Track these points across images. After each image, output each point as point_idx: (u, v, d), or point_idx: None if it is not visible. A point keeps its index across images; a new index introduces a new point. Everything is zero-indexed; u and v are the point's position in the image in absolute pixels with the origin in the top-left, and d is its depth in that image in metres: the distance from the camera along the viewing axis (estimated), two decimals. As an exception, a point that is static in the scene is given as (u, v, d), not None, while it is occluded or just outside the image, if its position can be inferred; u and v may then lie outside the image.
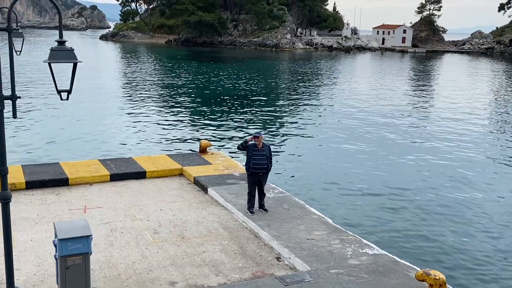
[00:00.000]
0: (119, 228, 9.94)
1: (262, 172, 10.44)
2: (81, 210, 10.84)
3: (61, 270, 6.04)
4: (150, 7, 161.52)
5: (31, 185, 12.09)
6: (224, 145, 23.29)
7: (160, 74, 56.11)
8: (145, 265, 8.42)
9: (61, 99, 5.16)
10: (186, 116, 30.69)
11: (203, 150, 15.24)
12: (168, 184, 12.94)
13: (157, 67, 66.07)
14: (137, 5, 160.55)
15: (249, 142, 10.40)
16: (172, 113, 31.62)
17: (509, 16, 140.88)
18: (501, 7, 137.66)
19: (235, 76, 55.46)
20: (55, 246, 6.10)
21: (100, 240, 9.31)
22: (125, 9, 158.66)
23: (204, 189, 12.32)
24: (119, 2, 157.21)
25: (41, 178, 12.36)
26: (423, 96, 44.99)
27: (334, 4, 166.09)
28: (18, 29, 11.60)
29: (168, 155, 15.24)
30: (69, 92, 5.19)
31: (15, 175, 12.34)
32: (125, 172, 13.18)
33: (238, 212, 10.71)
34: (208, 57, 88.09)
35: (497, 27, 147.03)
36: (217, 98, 38.61)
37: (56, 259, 6.17)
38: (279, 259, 8.91)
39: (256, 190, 10.63)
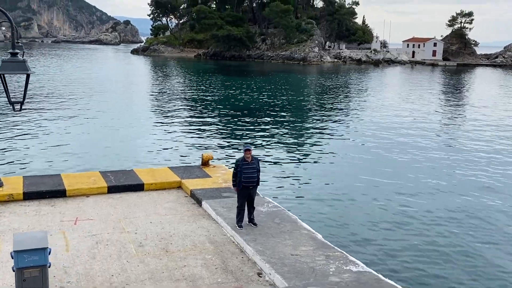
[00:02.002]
0: (105, 240, 9.90)
1: (252, 185, 10.29)
2: (72, 222, 10.86)
3: (18, 282, 6.00)
4: (180, 21, 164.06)
5: (28, 196, 12.21)
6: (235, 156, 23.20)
7: (184, 87, 56.65)
8: (122, 279, 8.34)
9: (14, 110, 5.14)
10: (202, 129, 30.76)
11: (205, 163, 15.18)
12: (165, 196, 12.90)
13: (182, 80, 66.80)
14: (168, 20, 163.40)
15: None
16: (188, 125, 31.76)
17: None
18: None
19: (259, 90, 55.53)
20: (12, 257, 6.07)
21: (83, 252, 9.29)
22: (156, 24, 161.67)
23: (199, 202, 12.23)
24: (150, 17, 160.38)
25: (39, 189, 12.48)
26: (451, 112, 44.03)
27: (363, 17, 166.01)
28: (18, 42, 11.86)
29: (170, 167, 15.22)
30: (21, 103, 5.17)
31: (14, 186, 12.52)
32: (123, 184, 13.20)
33: (227, 226, 10.55)
34: (235, 71, 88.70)
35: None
36: (238, 111, 38.66)
37: (13, 270, 6.13)
38: (260, 275, 8.70)
39: (246, 203, 10.48)
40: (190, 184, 13.27)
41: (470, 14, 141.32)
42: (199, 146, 25.30)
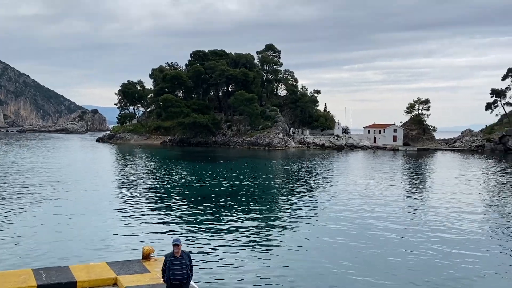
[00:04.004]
0: None
1: (182, 282, 9.73)
2: (-13, 328, 9.92)
3: None
4: (147, 110, 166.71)
5: None
6: (190, 249, 22.31)
7: (143, 175, 55.93)
8: None
9: None
10: (154, 219, 29.68)
11: (146, 257, 14.50)
12: (97, 295, 12.08)
13: (142, 167, 66.07)
14: (135, 108, 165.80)
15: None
16: (139, 215, 30.60)
17: (497, 115, 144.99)
18: (488, 106, 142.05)
19: (222, 175, 55.31)
20: None
21: None
22: (123, 112, 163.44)
23: (132, 301, 11.46)
24: (117, 106, 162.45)
25: (-41, 291, 11.55)
26: (414, 195, 44.46)
27: (325, 105, 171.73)
28: None
29: (108, 262, 14.46)
30: None
31: None
32: (53, 283, 12.38)
33: (157, 328, 9.80)
34: (201, 157, 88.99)
35: (486, 125, 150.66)
36: (196, 199, 38.03)
37: None
38: None
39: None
40: (126, 280, 12.52)
41: (427, 101, 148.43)
42: (146, 238, 24.36)
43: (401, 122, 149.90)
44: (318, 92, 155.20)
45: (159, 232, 25.85)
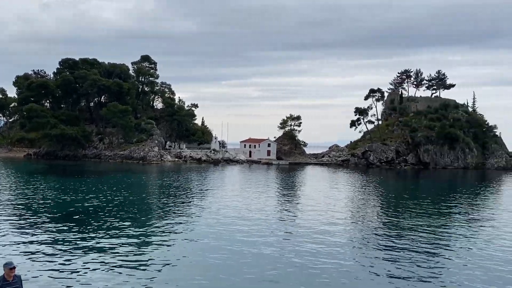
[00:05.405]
0: None
1: (15, 311, 8.40)
2: None
3: None
4: (10, 120, 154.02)
5: None
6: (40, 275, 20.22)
7: None
8: None
9: None
10: (5, 239, 26.91)
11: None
12: None
13: None
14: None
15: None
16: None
17: (360, 132, 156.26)
18: (352, 124, 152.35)
19: (88, 191, 52.12)
20: None
21: None
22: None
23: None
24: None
25: None
26: (284, 206, 45.50)
27: (202, 119, 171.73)
28: None
29: None
30: None
31: None
32: None
33: None
34: (68, 171, 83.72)
35: (351, 141, 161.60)
36: (57, 217, 35.14)
37: None
38: None
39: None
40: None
41: (298, 118, 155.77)
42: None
43: (275, 137, 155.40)
44: (195, 106, 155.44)
45: (9, 254, 23.20)
